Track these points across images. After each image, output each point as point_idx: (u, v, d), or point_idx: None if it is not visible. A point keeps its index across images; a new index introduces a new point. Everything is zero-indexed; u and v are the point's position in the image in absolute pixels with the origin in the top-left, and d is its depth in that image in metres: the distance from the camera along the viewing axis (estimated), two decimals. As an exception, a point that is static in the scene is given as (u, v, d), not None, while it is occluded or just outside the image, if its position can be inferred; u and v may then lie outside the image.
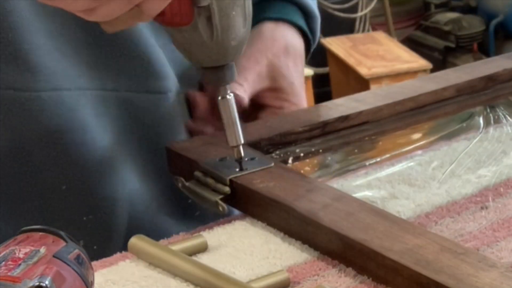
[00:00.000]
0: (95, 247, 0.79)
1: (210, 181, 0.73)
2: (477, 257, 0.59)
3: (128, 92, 0.82)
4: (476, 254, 0.59)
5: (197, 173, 0.75)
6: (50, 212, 0.79)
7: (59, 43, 0.78)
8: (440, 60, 3.76)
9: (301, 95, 0.91)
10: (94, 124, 0.80)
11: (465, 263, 0.58)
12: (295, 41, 0.92)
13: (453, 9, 4.05)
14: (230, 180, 0.72)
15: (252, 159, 0.75)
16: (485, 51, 3.76)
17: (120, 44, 0.80)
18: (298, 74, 0.91)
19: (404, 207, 0.72)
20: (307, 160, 0.81)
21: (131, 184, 0.82)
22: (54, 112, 0.77)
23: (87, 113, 0.79)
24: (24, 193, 0.79)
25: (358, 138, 0.84)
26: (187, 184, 0.75)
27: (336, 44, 3.45)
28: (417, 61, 3.25)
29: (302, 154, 0.81)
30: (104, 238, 0.81)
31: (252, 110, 0.89)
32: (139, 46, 0.81)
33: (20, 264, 0.51)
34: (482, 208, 0.72)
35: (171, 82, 0.84)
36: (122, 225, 0.82)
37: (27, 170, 0.78)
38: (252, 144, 0.79)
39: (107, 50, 0.80)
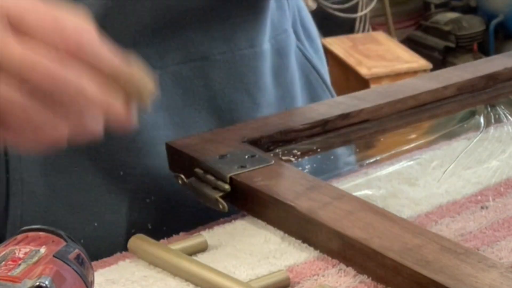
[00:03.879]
0: (164, 228, 0.77)
1: (210, 178, 0.73)
2: (477, 257, 0.59)
3: (174, 65, 0.79)
4: (476, 254, 0.59)
5: (198, 170, 0.75)
6: (112, 198, 0.79)
7: None
8: (440, 60, 3.76)
9: None
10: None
11: (465, 263, 0.58)
12: None
13: (453, 9, 4.05)
14: (230, 177, 0.72)
15: (252, 156, 0.75)
16: (485, 51, 3.76)
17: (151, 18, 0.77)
18: None
19: (404, 206, 0.72)
20: (307, 158, 0.81)
21: None
22: None
23: None
24: (84, 184, 0.78)
25: (359, 136, 0.84)
26: (187, 181, 0.75)
27: (336, 44, 3.44)
28: (417, 61, 3.25)
29: (302, 152, 0.81)
30: (171, 218, 0.80)
31: None
32: (161, 10, 0.77)
33: (20, 264, 0.51)
34: (482, 207, 0.71)
35: (214, 43, 0.80)
36: (186, 201, 0.80)
37: (87, 159, 0.77)
38: (252, 142, 0.78)
39: (145, 30, 0.77)
